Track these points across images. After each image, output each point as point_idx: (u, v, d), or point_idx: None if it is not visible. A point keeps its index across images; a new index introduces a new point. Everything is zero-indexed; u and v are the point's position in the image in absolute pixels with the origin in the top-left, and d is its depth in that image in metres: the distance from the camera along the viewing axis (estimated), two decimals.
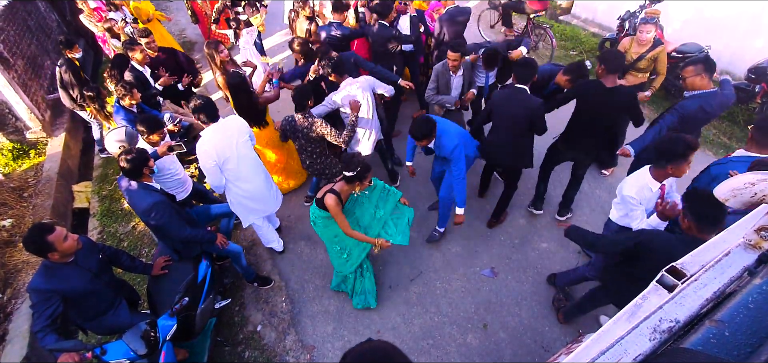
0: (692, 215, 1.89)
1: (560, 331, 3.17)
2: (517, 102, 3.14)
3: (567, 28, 7.14)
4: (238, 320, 3.46)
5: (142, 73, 4.27)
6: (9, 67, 5.27)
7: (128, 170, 2.64)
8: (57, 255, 2.26)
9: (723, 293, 0.88)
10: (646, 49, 3.73)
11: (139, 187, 2.72)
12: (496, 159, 3.46)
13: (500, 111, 3.25)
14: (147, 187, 2.76)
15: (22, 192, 4.87)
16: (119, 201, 4.72)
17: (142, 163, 2.66)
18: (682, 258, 1.97)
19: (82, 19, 5.90)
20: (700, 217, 1.87)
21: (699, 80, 2.91)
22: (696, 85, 2.94)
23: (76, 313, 2.50)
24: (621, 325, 0.96)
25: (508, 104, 3.18)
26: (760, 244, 0.96)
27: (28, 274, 3.84)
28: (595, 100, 3.08)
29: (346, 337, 3.26)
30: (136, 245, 4.22)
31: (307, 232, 4.12)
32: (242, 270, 3.50)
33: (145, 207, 2.68)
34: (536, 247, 3.77)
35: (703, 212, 1.86)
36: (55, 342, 2.22)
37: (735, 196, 1.04)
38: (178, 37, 8.14)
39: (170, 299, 2.75)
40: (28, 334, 3.38)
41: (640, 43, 3.74)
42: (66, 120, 5.89)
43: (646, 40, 3.68)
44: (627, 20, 5.37)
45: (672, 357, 0.71)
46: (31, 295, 2.25)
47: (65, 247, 2.28)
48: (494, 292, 3.45)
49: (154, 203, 2.69)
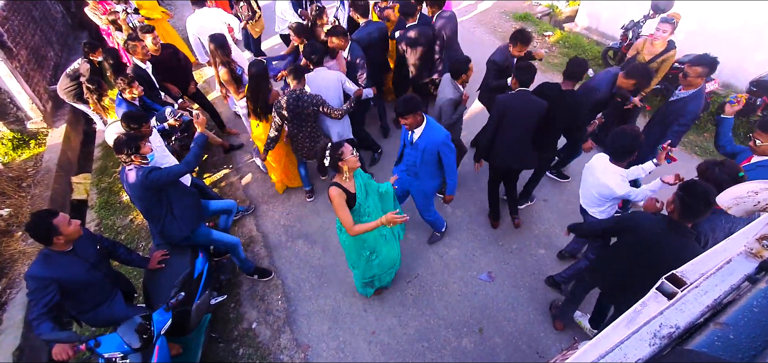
0: (680, 202, 2.01)
1: (555, 338, 3.15)
2: (525, 104, 3.21)
3: (570, 36, 7.16)
4: (233, 317, 3.45)
5: (144, 70, 4.26)
6: (12, 56, 5.28)
7: (125, 141, 2.67)
8: (62, 239, 2.26)
9: (723, 301, 0.87)
10: (660, 51, 3.73)
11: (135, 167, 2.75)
12: (504, 162, 3.47)
13: (509, 114, 3.28)
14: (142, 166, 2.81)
15: (20, 182, 4.86)
16: (118, 194, 4.71)
17: (135, 147, 2.69)
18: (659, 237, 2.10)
19: (87, 12, 5.91)
20: (685, 205, 1.99)
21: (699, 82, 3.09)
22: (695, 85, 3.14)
23: (73, 304, 2.49)
24: (620, 330, 0.95)
25: (517, 107, 3.24)
26: (761, 253, 0.96)
27: (24, 265, 3.83)
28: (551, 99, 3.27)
29: (341, 337, 3.25)
30: (133, 238, 4.21)
31: (305, 231, 4.11)
32: (240, 262, 3.49)
33: (146, 171, 2.72)
34: (534, 254, 3.76)
35: (689, 203, 1.98)
36: (50, 331, 2.21)
37: (738, 205, 1.03)
38: (182, 32, 8.16)
39: (166, 293, 2.74)
40: (22, 324, 3.36)
41: (654, 42, 3.73)
42: (67, 111, 5.89)
43: (662, 38, 3.66)
44: (630, 30, 5.38)
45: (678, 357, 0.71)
46: (29, 283, 2.24)
47: (70, 231, 2.30)
48: (491, 296, 3.44)
49: (153, 167, 2.80)
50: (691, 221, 2.07)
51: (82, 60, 4.61)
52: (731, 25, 5.17)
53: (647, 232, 2.19)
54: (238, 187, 4.73)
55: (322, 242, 3.99)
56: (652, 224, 2.19)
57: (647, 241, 2.19)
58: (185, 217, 3.01)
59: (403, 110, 2.92)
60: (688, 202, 1.97)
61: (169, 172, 2.81)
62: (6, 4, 5.57)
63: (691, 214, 2.01)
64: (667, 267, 2.17)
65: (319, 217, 4.26)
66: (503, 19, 8.09)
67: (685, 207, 2.00)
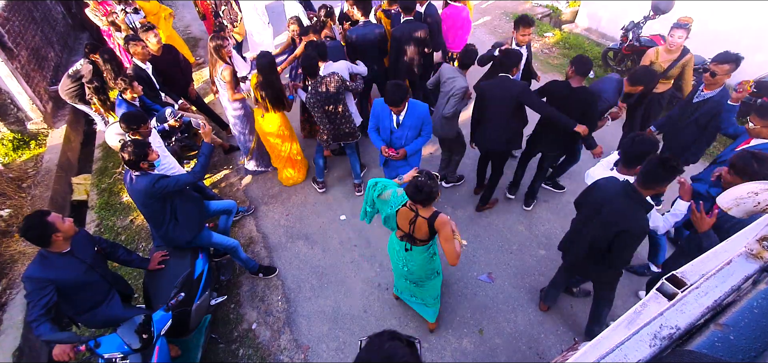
0: (642, 170, 2.11)
1: (556, 339, 3.15)
2: (502, 88, 3.31)
3: (570, 36, 7.16)
4: (233, 317, 3.44)
5: (144, 70, 4.26)
6: (13, 57, 5.28)
7: (129, 161, 2.64)
8: (60, 236, 2.27)
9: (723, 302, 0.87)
10: (676, 57, 3.73)
11: (141, 174, 2.73)
12: (490, 144, 3.58)
13: (490, 99, 3.38)
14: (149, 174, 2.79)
15: (20, 183, 4.86)
16: (118, 194, 4.71)
17: (142, 154, 2.66)
18: (612, 196, 2.19)
19: (88, 13, 5.91)
20: (644, 173, 2.08)
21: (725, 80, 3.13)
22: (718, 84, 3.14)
23: (69, 305, 2.48)
24: (620, 331, 0.95)
25: (495, 92, 3.34)
26: (762, 254, 0.95)
27: (24, 265, 3.83)
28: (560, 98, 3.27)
29: (341, 338, 3.24)
30: (133, 239, 4.20)
31: (306, 232, 4.11)
32: (243, 263, 3.49)
33: (153, 179, 2.72)
34: (534, 254, 3.76)
35: (648, 169, 2.06)
36: (49, 332, 2.21)
37: (738, 205, 1.03)
38: (182, 32, 8.18)
39: (166, 294, 2.74)
40: (22, 324, 3.36)
41: (669, 49, 3.72)
42: (67, 112, 5.89)
43: (677, 45, 3.65)
44: (630, 31, 5.38)
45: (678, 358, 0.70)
46: (26, 284, 2.24)
47: (66, 228, 2.30)
48: (491, 297, 3.44)
49: (161, 175, 2.81)
50: (650, 188, 2.10)
51: (84, 61, 4.61)
52: (731, 26, 5.17)
53: (601, 192, 2.30)
54: (238, 187, 4.73)
55: (323, 243, 3.99)
56: (607, 187, 2.29)
57: (600, 201, 2.29)
58: (188, 224, 3.01)
59: (397, 98, 3.01)
60: (647, 169, 2.05)
61: (177, 181, 2.80)
62: (7, 4, 5.58)
63: (650, 180, 2.07)
64: (609, 223, 2.21)
65: (320, 217, 4.25)
66: (503, 20, 8.10)
67: (644, 174, 2.07)
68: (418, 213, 2.38)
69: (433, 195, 2.23)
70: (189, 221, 3.00)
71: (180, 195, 2.95)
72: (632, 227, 2.12)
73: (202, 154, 3.01)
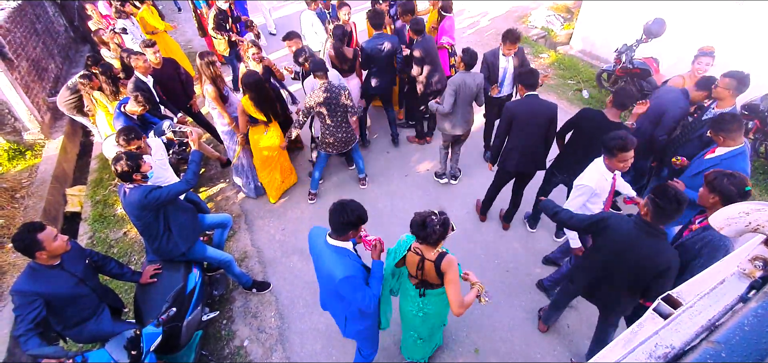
0: (653, 206, 2.11)
1: (552, 359, 3.11)
2: (536, 107, 3.29)
3: (565, 58, 7.31)
4: (225, 334, 3.38)
5: (145, 84, 4.29)
6: (12, 68, 5.31)
7: (121, 173, 2.63)
8: (45, 255, 2.23)
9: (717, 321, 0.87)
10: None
11: (135, 187, 2.72)
12: (519, 165, 3.51)
13: (523, 118, 3.32)
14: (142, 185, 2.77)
15: (14, 193, 4.82)
16: (112, 206, 4.68)
17: (135, 166, 2.65)
18: (633, 240, 2.19)
19: (91, 26, 5.98)
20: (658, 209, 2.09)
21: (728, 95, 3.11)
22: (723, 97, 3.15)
23: (58, 319, 2.43)
24: (616, 350, 0.95)
25: (530, 111, 3.30)
26: (754, 274, 0.96)
27: (14, 277, 3.76)
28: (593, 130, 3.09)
29: (334, 356, 3.19)
30: (126, 252, 4.15)
31: (300, 246, 4.08)
32: (236, 278, 3.45)
33: (145, 191, 2.69)
34: (530, 273, 3.74)
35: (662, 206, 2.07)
36: (37, 347, 2.16)
37: (730, 225, 1.04)
38: (184, 47, 8.26)
39: (157, 309, 2.69)
40: (9, 338, 3.28)
41: (694, 76, 3.63)
42: (65, 123, 5.89)
43: (703, 72, 3.60)
44: (624, 53, 5.50)
45: None
46: (15, 298, 2.20)
47: (54, 247, 2.25)
48: (487, 315, 3.40)
49: (153, 186, 2.79)
50: (663, 223, 2.15)
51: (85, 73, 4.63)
52: (723, 49, 5.29)
53: (620, 235, 2.28)
54: (234, 201, 4.72)
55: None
56: (623, 226, 2.28)
57: (621, 244, 2.28)
58: (182, 236, 2.98)
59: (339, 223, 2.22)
60: (661, 206, 2.07)
61: (170, 191, 2.79)
62: (9, 16, 5.64)
63: (663, 217, 2.10)
64: (643, 267, 2.23)
65: None
66: (499, 41, 8.24)
67: (658, 210, 2.08)
68: (424, 256, 2.22)
69: (436, 237, 2.10)
70: (183, 231, 2.97)
71: (173, 206, 2.93)
72: (672, 264, 2.16)
73: (193, 162, 3.02)
